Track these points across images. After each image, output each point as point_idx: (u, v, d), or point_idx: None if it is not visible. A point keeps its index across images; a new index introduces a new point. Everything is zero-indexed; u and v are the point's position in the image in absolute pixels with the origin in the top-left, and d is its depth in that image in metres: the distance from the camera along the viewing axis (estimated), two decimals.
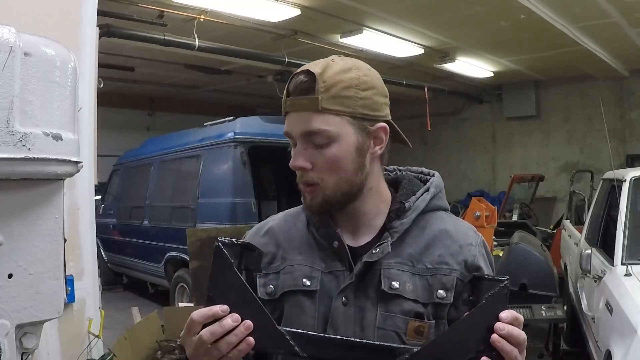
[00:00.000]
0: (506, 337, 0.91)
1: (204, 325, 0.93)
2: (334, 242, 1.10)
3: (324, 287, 1.09)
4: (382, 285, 1.06)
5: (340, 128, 1.04)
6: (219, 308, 0.94)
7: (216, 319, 0.93)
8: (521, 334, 0.93)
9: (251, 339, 0.93)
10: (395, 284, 1.06)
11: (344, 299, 1.07)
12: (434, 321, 1.07)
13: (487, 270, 1.12)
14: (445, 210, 1.18)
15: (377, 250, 1.07)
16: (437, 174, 1.21)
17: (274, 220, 1.23)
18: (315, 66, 1.05)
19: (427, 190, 1.15)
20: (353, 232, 1.13)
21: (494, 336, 0.91)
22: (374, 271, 1.07)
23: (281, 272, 1.12)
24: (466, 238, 1.13)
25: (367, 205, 1.12)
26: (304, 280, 1.09)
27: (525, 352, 0.96)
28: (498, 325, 0.92)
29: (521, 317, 0.95)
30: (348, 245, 1.10)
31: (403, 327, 1.05)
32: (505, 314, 0.92)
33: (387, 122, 1.10)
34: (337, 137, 1.04)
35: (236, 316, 0.93)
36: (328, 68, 1.05)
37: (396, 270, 1.07)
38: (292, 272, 1.10)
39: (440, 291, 1.07)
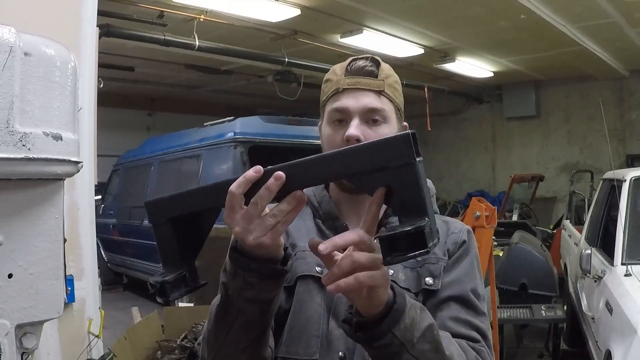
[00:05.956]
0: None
1: (246, 196, 0.82)
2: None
3: None
4: None
5: (391, 113, 1.15)
6: (252, 171, 0.82)
7: (254, 183, 0.82)
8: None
9: (299, 192, 0.83)
10: (390, 272, 1.09)
11: None
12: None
13: (471, 246, 1.17)
14: (435, 213, 1.22)
15: (375, 240, 1.10)
16: (429, 180, 1.24)
17: None
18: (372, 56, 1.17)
19: None
20: (356, 226, 1.15)
21: None
22: None
23: (291, 258, 1.13)
24: (451, 230, 1.20)
25: None
26: (317, 267, 1.11)
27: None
28: None
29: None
30: None
31: None
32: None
33: None
34: (389, 120, 1.14)
35: (279, 173, 0.81)
36: (381, 62, 1.17)
37: None
38: (304, 258, 1.13)
39: (428, 279, 1.12)
